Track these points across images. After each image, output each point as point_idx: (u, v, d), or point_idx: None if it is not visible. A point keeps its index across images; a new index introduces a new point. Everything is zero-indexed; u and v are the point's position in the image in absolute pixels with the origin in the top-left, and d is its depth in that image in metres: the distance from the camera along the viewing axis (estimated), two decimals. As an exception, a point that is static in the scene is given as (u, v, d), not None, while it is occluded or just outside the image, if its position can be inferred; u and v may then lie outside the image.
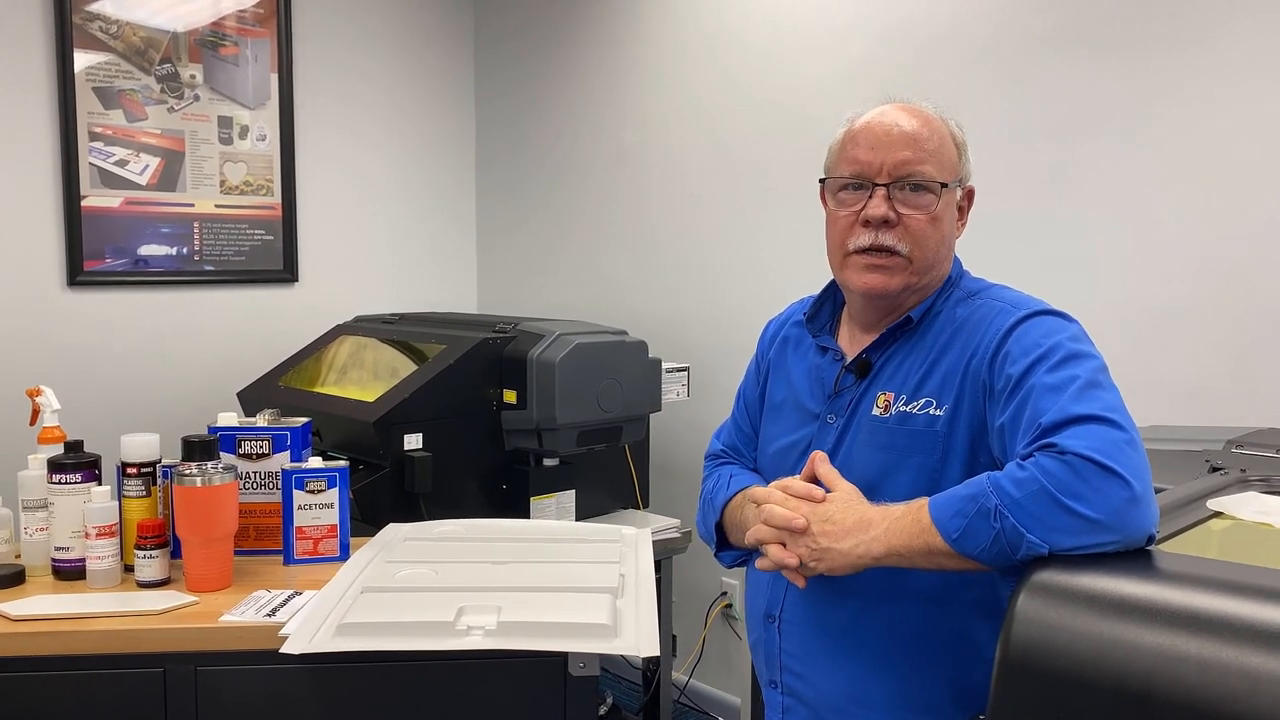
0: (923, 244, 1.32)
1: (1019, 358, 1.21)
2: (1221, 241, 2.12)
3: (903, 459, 1.30)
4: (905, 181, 1.31)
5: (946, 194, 1.33)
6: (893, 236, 1.31)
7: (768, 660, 1.44)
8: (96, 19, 3.12)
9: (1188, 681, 0.84)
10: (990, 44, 2.46)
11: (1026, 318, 1.26)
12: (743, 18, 3.04)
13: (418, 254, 3.92)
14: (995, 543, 1.08)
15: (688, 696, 3.28)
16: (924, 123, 1.34)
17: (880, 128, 1.34)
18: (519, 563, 1.70)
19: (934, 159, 1.32)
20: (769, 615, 1.42)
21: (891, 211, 1.31)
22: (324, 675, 1.47)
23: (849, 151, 1.36)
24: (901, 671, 1.31)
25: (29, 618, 1.53)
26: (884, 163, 1.32)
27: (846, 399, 1.38)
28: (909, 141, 1.32)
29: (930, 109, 1.37)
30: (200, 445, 1.70)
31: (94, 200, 3.15)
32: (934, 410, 1.29)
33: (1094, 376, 1.16)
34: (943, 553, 1.13)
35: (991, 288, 1.38)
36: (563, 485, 2.67)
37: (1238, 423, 1.93)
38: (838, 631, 1.34)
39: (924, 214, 1.31)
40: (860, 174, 1.34)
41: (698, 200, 3.22)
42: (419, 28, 3.86)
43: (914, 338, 1.36)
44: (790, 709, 1.42)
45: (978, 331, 1.29)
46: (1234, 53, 2.08)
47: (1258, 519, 1.24)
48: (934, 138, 1.33)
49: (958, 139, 1.37)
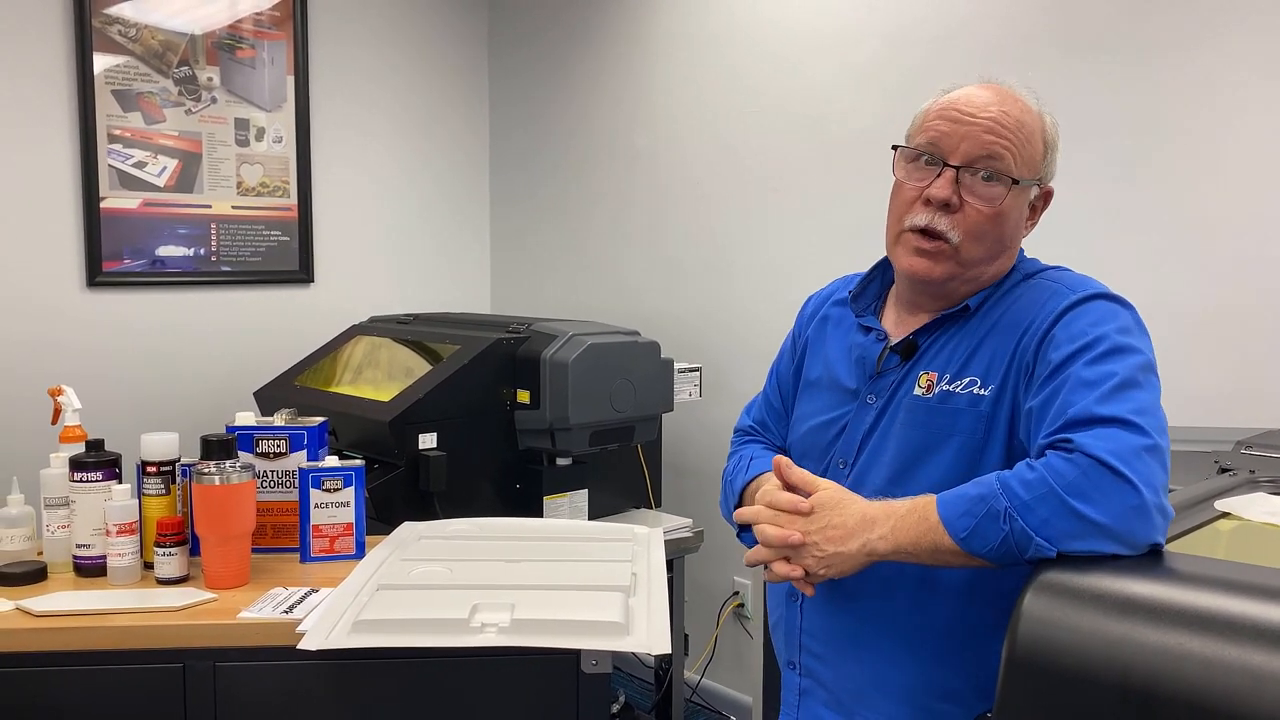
0: (977, 237, 1.26)
1: (1063, 344, 1.18)
2: (1231, 243, 2.12)
3: (943, 439, 1.26)
4: (978, 168, 1.25)
5: (1018, 190, 1.27)
6: (948, 222, 1.26)
7: (787, 640, 1.43)
8: (115, 22, 3.15)
9: (1192, 680, 0.84)
10: (999, 46, 2.47)
11: (1081, 301, 1.22)
12: (753, 20, 3.05)
13: (432, 255, 3.94)
14: (1004, 544, 1.08)
15: (700, 695, 3.29)
16: (1018, 111, 1.27)
17: (969, 106, 1.27)
18: (532, 561, 1.71)
19: (1015, 152, 1.25)
20: (791, 594, 1.41)
21: (955, 196, 1.25)
22: (340, 671, 1.48)
23: (931, 122, 1.29)
24: (925, 660, 1.29)
25: (51, 613, 1.55)
26: (961, 143, 1.25)
27: (889, 380, 1.34)
28: (993, 127, 1.25)
29: (1030, 99, 1.30)
30: (218, 444, 1.72)
31: (113, 202, 3.19)
32: (978, 389, 1.25)
33: (1132, 374, 1.13)
34: (950, 551, 1.13)
35: (1049, 269, 1.33)
36: (575, 485, 2.69)
37: (1247, 424, 1.93)
38: (862, 616, 1.32)
39: (988, 206, 1.25)
40: (935, 147, 1.27)
41: (709, 201, 3.23)
42: (434, 31, 3.88)
43: (968, 324, 1.31)
44: (808, 691, 1.40)
45: (1029, 312, 1.25)
46: (1247, 54, 2.08)
47: (1266, 520, 1.25)
48: (1022, 130, 1.26)
49: (1048, 137, 1.31)
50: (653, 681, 2.95)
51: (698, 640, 3.25)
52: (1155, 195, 2.22)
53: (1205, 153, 2.15)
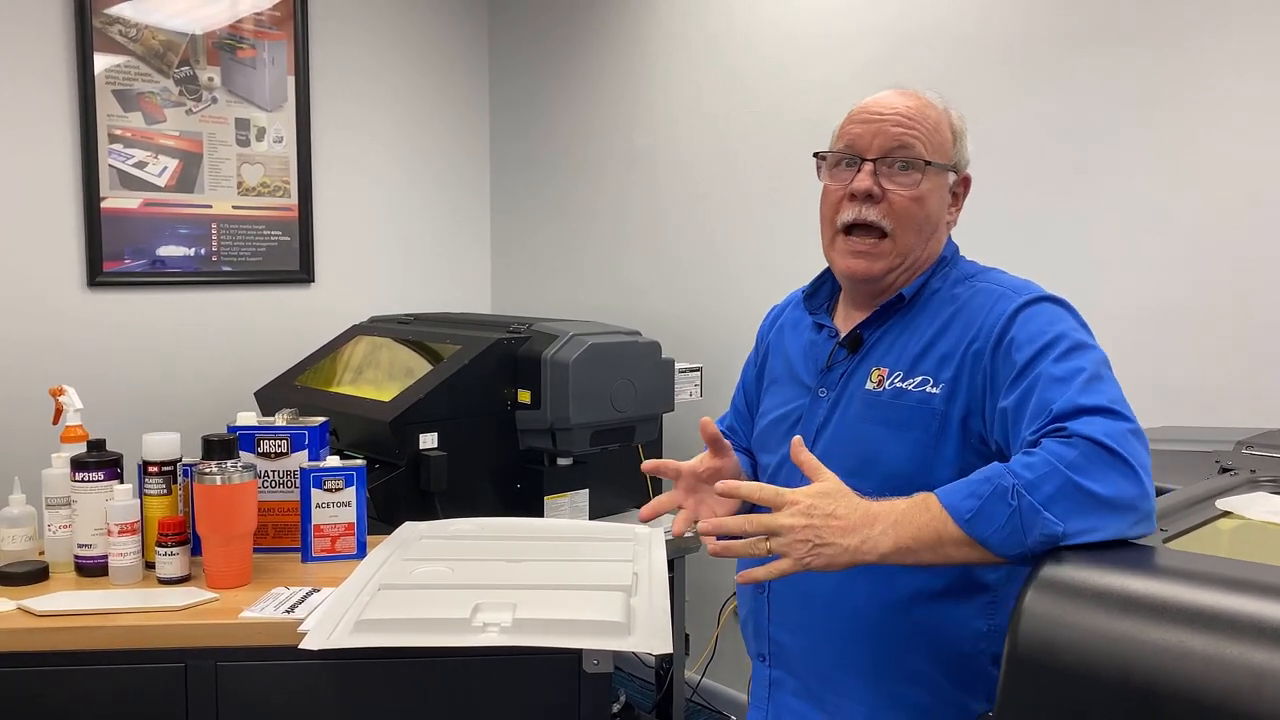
0: (905, 221, 1.35)
1: (1024, 344, 1.24)
2: (1234, 242, 2.12)
3: (900, 433, 1.33)
4: (893, 158, 1.35)
5: (934, 174, 1.36)
6: (877, 212, 1.35)
7: (756, 632, 1.47)
8: (116, 22, 3.15)
9: (1193, 678, 0.85)
10: (999, 47, 2.47)
11: (1028, 304, 1.29)
12: (753, 21, 3.05)
13: (432, 255, 3.94)
14: (1009, 522, 1.08)
15: (700, 695, 3.29)
16: (920, 105, 1.38)
17: (875, 106, 1.38)
18: (534, 561, 1.72)
19: (925, 140, 1.36)
20: (759, 587, 1.45)
21: (876, 186, 1.35)
22: (342, 671, 1.48)
23: (846, 128, 1.40)
24: (885, 640, 1.33)
25: (53, 613, 1.55)
26: (874, 138, 1.36)
27: (838, 373, 1.42)
28: (900, 120, 1.35)
29: (933, 96, 1.41)
30: (220, 444, 1.72)
31: (113, 202, 3.19)
32: (930, 388, 1.31)
33: (1098, 370, 1.19)
34: (953, 540, 1.12)
35: (988, 271, 1.41)
36: (576, 484, 2.69)
37: (1248, 423, 1.93)
38: (824, 600, 1.37)
39: (908, 190, 1.35)
40: (851, 147, 1.38)
41: (709, 201, 3.23)
42: (434, 32, 3.89)
43: (908, 315, 1.39)
44: (778, 681, 1.45)
45: (979, 315, 1.31)
46: (1251, 51, 2.09)
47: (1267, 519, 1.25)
48: (928, 120, 1.37)
49: (955, 126, 1.40)
50: (653, 681, 2.95)
51: (698, 640, 3.25)
52: (1155, 195, 2.22)
53: (1208, 151, 2.15)
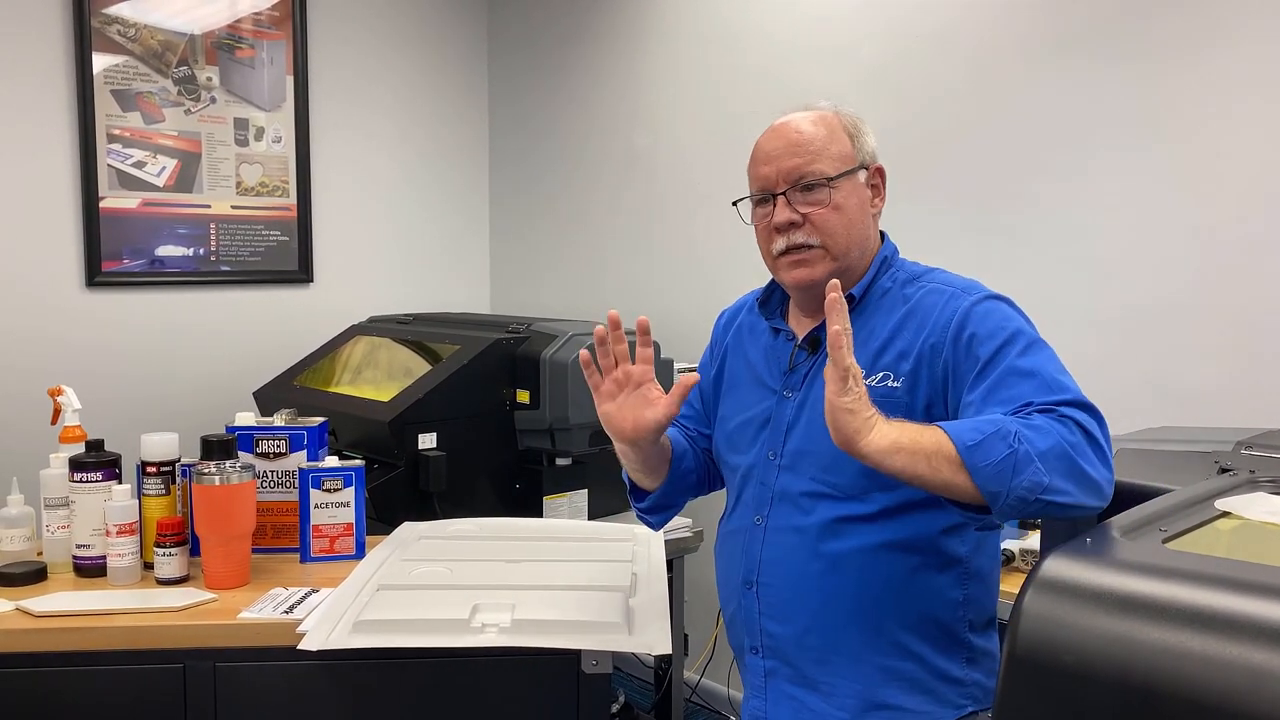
0: (831, 232, 1.42)
1: (985, 339, 1.32)
2: (1231, 242, 2.12)
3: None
4: (800, 184, 1.42)
5: (844, 182, 1.43)
6: (803, 234, 1.42)
7: (747, 627, 1.48)
8: (115, 22, 3.15)
9: (1192, 678, 0.85)
10: (1001, 47, 2.47)
11: (980, 301, 1.37)
12: (752, 21, 3.05)
13: (431, 255, 3.94)
14: (1005, 461, 1.15)
15: (699, 695, 3.29)
16: (810, 124, 1.45)
17: (768, 144, 1.46)
18: (533, 561, 1.72)
19: (822, 156, 1.42)
20: (747, 581, 1.46)
21: (795, 214, 1.42)
22: (341, 671, 1.48)
23: (751, 171, 1.48)
24: (871, 619, 1.38)
25: (51, 614, 1.55)
26: (778, 173, 1.43)
27: (801, 373, 1.47)
28: (793, 149, 1.43)
29: (822, 105, 1.48)
30: (219, 444, 1.72)
31: (112, 201, 3.19)
32: (891, 383, 1.38)
33: (1058, 363, 1.30)
34: (947, 458, 1.17)
35: (933, 271, 1.47)
36: (575, 484, 2.69)
37: (1247, 424, 1.93)
38: (814, 583, 1.40)
39: (823, 208, 1.42)
40: (762, 188, 1.46)
41: (708, 201, 3.23)
42: (433, 31, 3.88)
43: (862, 314, 1.44)
44: (773, 671, 1.46)
45: (932, 312, 1.38)
46: (1242, 56, 2.09)
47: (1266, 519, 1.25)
48: (819, 137, 1.43)
49: (850, 127, 1.46)
50: (652, 681, 2.95)
51: (697, 640, 3.25)
52: (1153, 196, 2.22)
53: (1206, 153, 2.15)
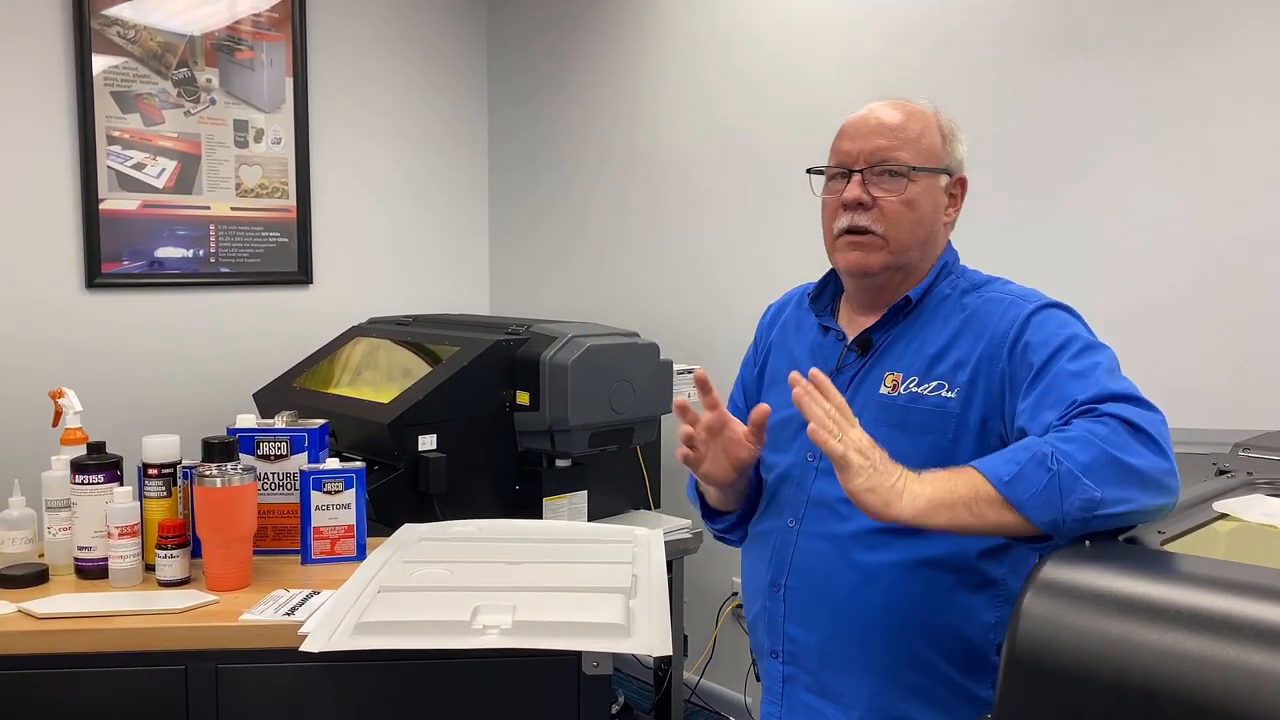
0: (896, 224, 1.40)
1: (1039, 346, 1.28)
2: (1229, 243, 2.13)
3: (916, 436, 1.35)
4: (880, 167, 1.40)
5: (923, 178, 1.40)
6: (868, 218, 1.40)
7: (770, 630, 1.47)
8: (114, 23, 3.15)
9: (1191, 679, 0.85)
10: (1000, 46, 2.47)
11: (1039, 309, 1.33)
12: (754, 20, 3.06)
13: (431, 256, 3.94)
14: (1048, 487, 1.10)
15: (698, 696, 3.29)
16: (906, 114, 1.42)
17: (861, 121, 1.44)
18: (533, 563, 1.72)
19: (910, 146, 1.40)
20: (774, 584, 1.45)
21: (866, 194, 1.40)
22: (342, 673, 1.49)
23: (835, 144, 1.47)
24: (899, 635, 1.36)
25: (53, 616, 1.56)
26: (861, 151, 1.41)
27: (848, 375, 1.44)
28: (885, 131, 1.41)
29: (922, 103, 1.46)
30: (220, 446, 1.72)
31: (112, 203, 3.19)
32: (946, 392, 1.35)
33: (1113, 365, 1.25)
34: (989, 500, 1.13)
35: (994, 280, 1.45)
36: (575, 486, 2.69)
37: (1244, 425, 1.93)
38: (842, 597, 1.38)
39: (895, 195, 1.39)
40: (841, 163, 1.44)
41: (708, 202, 3.24)
42: (433, 32, 3.89)
43: (917, 320, 1.42)
44: (792, 677, 1.45)
45: (991, 322, 1.35)
46: (1248, 57, 2.09)
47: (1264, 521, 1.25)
48: (913, 127, 1.41)
49: (945, 129, 1.44)
50: (651, 682, 2.95)
51: (696, 641, 3.26)
52: (1153, 197, 2.23)
53: (1205, 154, 2.15)
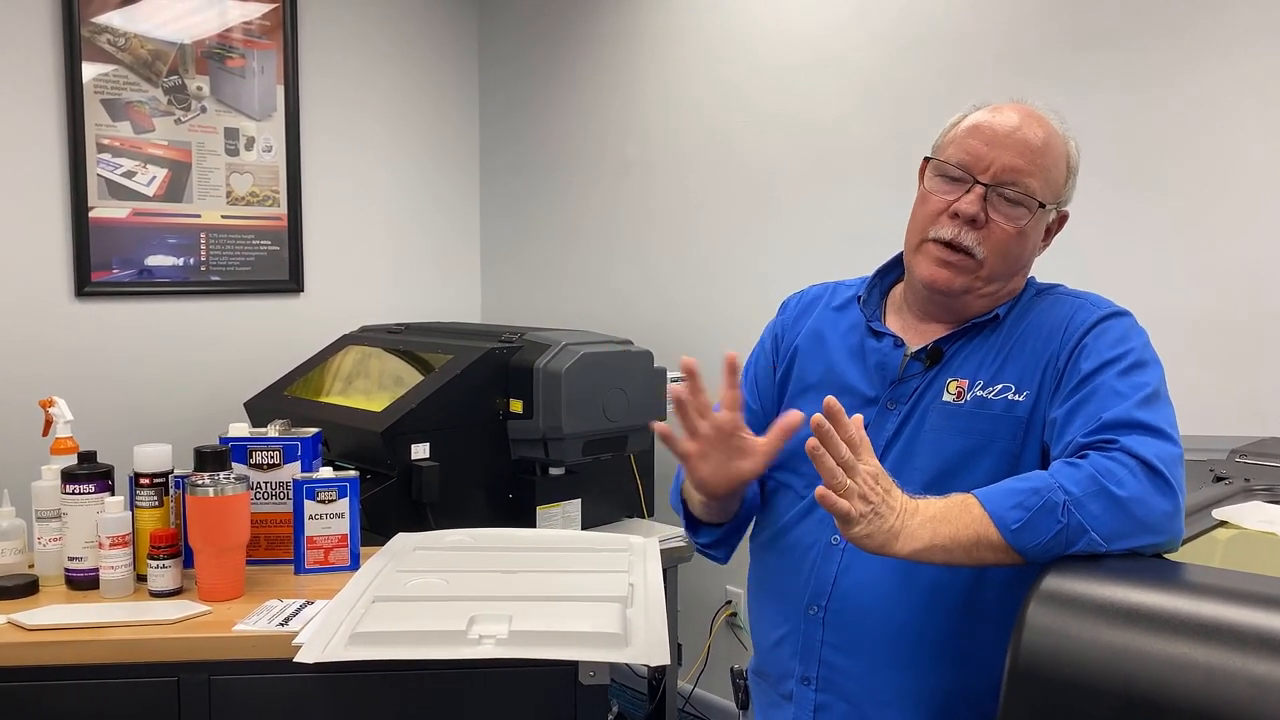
0: (1001, 254, 1.31)
1: (1093, 355, 1.24)
2: (1227, 250, 2.13)
3: (984, 445, 1.29)
4: (1007, 188, 1.29)
5: (1041, 213, 1.32)
6: (974, 237, 1.30)
7: (804, 655, 1.39)
8: (104, 31, 3.14)
9: (1195, 689, 0.85)
10: (996, 56, 2.48)
11: (1108, 316, 1.30)
12: (747, 29, 3.06)
13: (423, 264, 3.93)
14: (1055, 538, 1.08)
15: (692, 705, 3.28)
16: (1046, 135, 1.31)
17: (1003, 127, 1.30)
18: (529, 572, 1.71)
19: (1042, 175, 1.30)
20: (810, 606, 1.37)
21: (982, 213, 1.29)
22: (337, 684, 1.47)
23: (965, 140, 1.32)
24: (949, 664, 1.30)
25: (43, 627, 1.54)
26: (994, 162, 1.29)
27: (911, 386, 1.36)
28: (1025, 149, 1.29)
29: (1056, 124, 1.34)
30: (212, 455, 1.71)
31: (101, 211, 3.17)
32: (1013, 395, 1.28)
33: (1159, 388, 1.21)
34: (990, 545, 1.11)
35: (1055, 285, 1.40)
36: (569, 494, 2.68)
37: (1242, 432, 1.94)
38: (899, 627, 1.31)
39: (1012, 225, 1.30)
40: (967, 166, 1.31)
41: (700, 210, 3.24)
42: (424, 41, 3.88)
43: (996, 335, 1.35)
44: (825, 706, 1.37)
45: (1059, 323, 1.30)
46: (1252, 71, 2.10)
47: (1262, 528, 1.25)
48: (1050, 154, 1.31)
49: (1071, 162, 1.35)
50: (645, 691, 2.94)
51: (690, 650, 3.25)
52: (1153, 206, 2.23)
53: (1204, 165, 2.16)
